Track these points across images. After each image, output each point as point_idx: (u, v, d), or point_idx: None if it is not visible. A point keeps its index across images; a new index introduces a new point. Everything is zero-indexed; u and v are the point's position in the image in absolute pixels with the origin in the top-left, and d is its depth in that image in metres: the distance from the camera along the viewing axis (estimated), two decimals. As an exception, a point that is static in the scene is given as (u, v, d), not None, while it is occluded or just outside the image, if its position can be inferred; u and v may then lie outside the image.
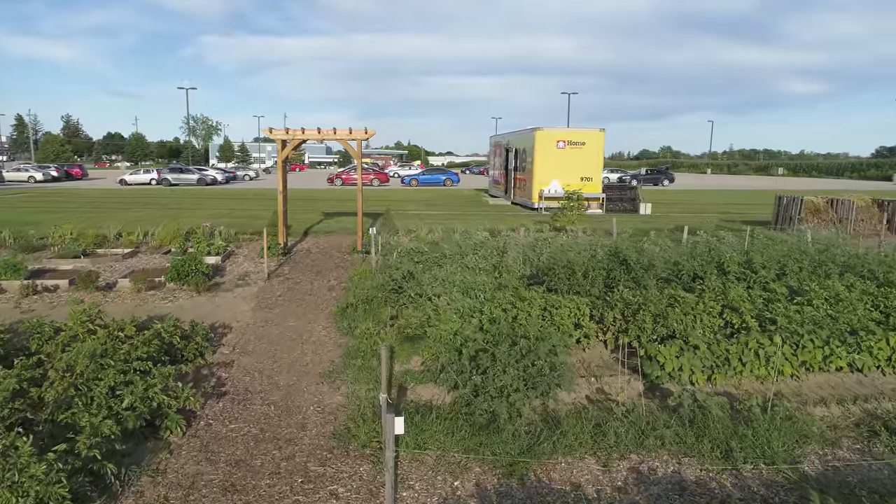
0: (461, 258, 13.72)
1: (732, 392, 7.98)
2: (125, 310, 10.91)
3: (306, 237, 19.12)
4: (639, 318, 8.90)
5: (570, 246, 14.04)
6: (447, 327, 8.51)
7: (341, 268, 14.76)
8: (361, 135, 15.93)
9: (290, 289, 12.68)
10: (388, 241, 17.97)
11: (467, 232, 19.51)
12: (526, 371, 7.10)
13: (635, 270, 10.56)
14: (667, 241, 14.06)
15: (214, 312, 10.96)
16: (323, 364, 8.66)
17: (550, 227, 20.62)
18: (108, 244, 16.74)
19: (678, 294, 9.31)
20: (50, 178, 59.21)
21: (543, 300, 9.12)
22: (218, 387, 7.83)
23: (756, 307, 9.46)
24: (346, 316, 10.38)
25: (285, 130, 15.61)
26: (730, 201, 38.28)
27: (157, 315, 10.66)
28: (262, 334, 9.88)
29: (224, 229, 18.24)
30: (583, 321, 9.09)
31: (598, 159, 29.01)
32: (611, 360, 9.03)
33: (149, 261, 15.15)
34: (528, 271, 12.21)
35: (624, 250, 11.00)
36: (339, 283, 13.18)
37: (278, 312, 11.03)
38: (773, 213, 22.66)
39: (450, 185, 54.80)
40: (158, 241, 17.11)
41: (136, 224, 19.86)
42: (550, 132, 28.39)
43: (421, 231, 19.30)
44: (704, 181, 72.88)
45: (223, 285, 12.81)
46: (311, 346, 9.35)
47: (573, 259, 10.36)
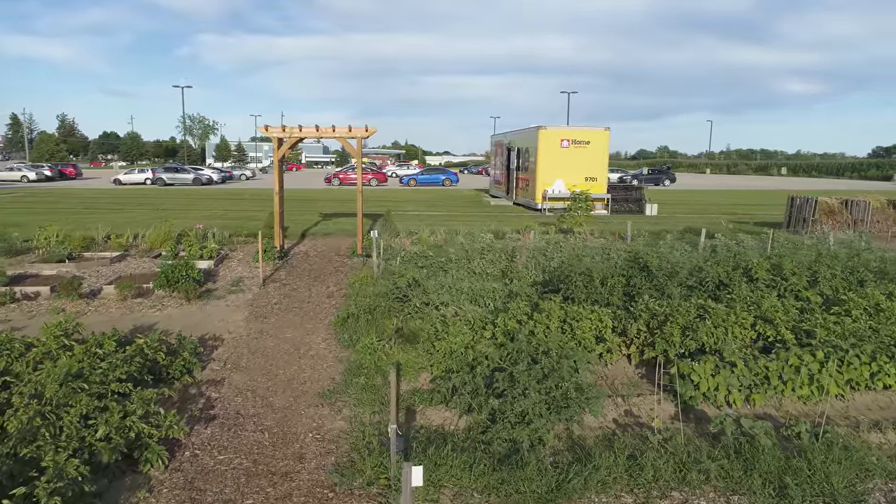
0: (467, 263, 12.99)
1: (773, 414, 7.25)
2: (109, 319, 10.14)
3: (304, 239, 18.37)
4: (666, 331, 8.18)
5: (582, 250, 13.31)
6: (458, 340, 7.77)
7: (341, 272, 14.01)
8: (361, 133, 15.19)
9: (286, 296, 11.92)
10: (390, 243, 17.23)
11: (471, 234, 18.78)
12: (549, 394, 6.36)
13: (657, 277, 9.83)
14: (684, 245, 13.33)
15: (205, 322, 10.20)
16: (322, 382, 7.91)
17: (557, 228, 19.91)
18: (95, 247, 15.96)
19: (708, 304, 8.58)
20: (43, 177, 58.41)
21: (562, 312, 8.38)
22: (206, 409, 7.07)
23: (791, 318, 8.74)
24: (347, 327, 9.63)
25: (282, 128, 14.85)
26: (735, 202, 37.62)
27: (143, 325, 9.90)
28: (257, 347, 9.12)
29: (218, 231, 17.47)
30: (605, 334, 8.36)
31: (603, 159, 28.30)
32: (636, 377, 8.30)
33: (138, 265, 14.37)
34: (541, 277, 11.47)
35: (644, 255, 10.26)
36: (338, 289, 12.43)
37: (274, 322, 10.28)
38: (786, 215, 21.97)
39: (449, 185, 54.08)
40: (149, 243, 16.34)
41: (126, 226, 19.08)
42: (554, 131, 27.67)
43: (423, 233, 18.56)
44: (705, 181, 72.24)
45: (215, 292, 12.05)
46: (310, 361, 8.60)
47: (592, 266, 9.61)
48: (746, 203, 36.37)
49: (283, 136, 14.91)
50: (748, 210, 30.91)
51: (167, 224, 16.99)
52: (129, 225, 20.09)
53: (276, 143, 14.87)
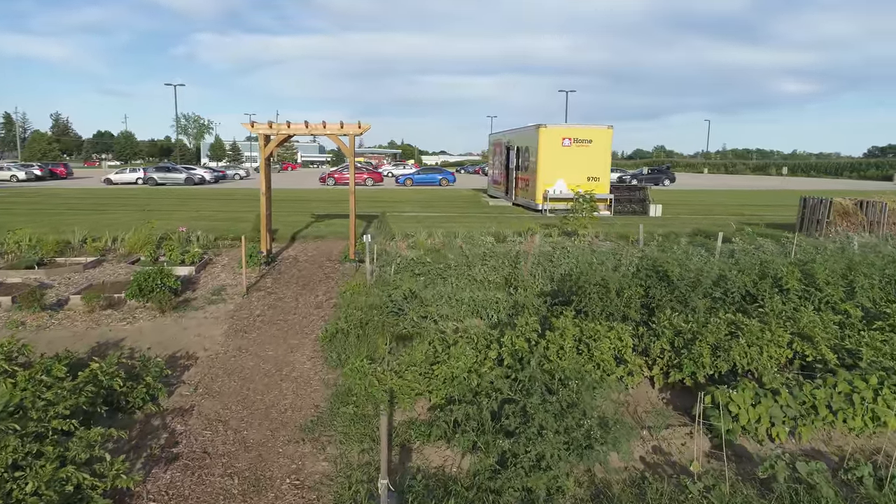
0: (468, 269, 12.03)
1: (823, 450, 6.32)
2: (72, 335, 9.16)
3: (293, 243, 17.38)
4: (694, 351, 7.23)
5: (592, 256, 12.36)
6: (460, 364, 6.80)
7: (331, 279, 13.03)
8: (354, 129, 14.21)
9: (271, 306, 10.94)
10: (384, 247, 16.27)
11: (470, 237, 17.84)
12: (569, 433, 5.41)
13: (679, 288, 8.87)
14: (700, 250, 12.39)
15: (179, 337, 9.22)
16: (305, 410, 6.94)
17: (559, 230, 18.96)
18: (70, 252, 14.95)
19: (740, 320, 7.64)
20: (33, 177, 57.32)
21: (578, 329, 7.42)
22: (168, 447, 6.10)
23: (831, 335, 7.81)
24: (336, 343, 8.66)
25: (268, 124, 13.86)
26: (739, 202, 36.72)
27: (108, 342, 8.92)
28: (233, 367, 8.15)
29: (202, 234, 16.49)
30: (626, 355, 7.40)
31: (605, 158, 27.36)
32: (660, 403, 7.35)
33: (113, 272, 13.37)
34: (548, 286, 10.52)
35: (664, 263, 9.31)
36: (328, 298, 11.46)
37: (255, 338, 9.30)
38: (798, 216, 21.05)
39: (446, 184, 53.09)
40: (128, 247, 15.33)
41: (107, 228, 18.06)
42: (555, 129, 26.72)
43: (420, 235, 17.60)
44: (704, 181, 71.34)
45: (194, 302, 11.06)
46: (292, 385, 7.63)
47: (607, 276, 8.65)
48: (751, 203, 35.47)
49: (269, 133, 13.92)
50: (755, 211, 30.00)
51: (148, 226, 15.99)
52: (110, 227, 19.06)
53: (262, 141, 13.88)
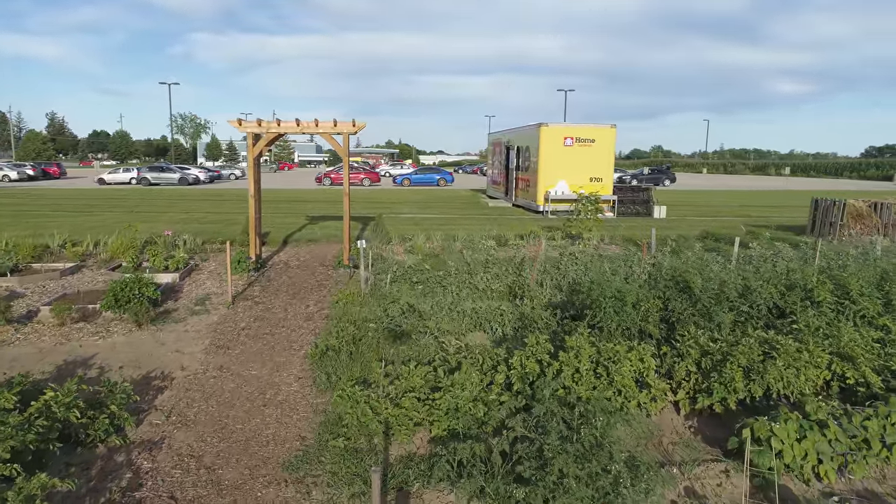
0: (469, 277, 11.27)
1: (878, 490, 5.57)
2: (38, 352, 8.37)
3: (285, 247, 16.59)
4: (725, 374, 6.48)
5: (600, 262, 11.60)
6: (465, 394, 6.03)
7: (324, 287, 12.25)
8: (348, 128, 13.42)
9: (257, 318, 10.16)
10: (381, 251, 15.51)
11: (470, 240, 17.08)
12: (595, 481, 4.64)
13: (701, 300, 8.11)
14: (716, 256, 11.65)
15: (156, 354, 8.43)
16: (290, 443, 6.17)
17: (563, 233, 18.22)
18: (48, 257, 14.15)
19: (774, 339, 6.88)
20: (26, 176, 56.36)
21: (594, 349, 6.66)
22: (130, 490, 5.32)
23: (874, 355, 7.06)
24: (326, 362, 7.89)
25: (257, 122, 13.07)
26: (743, 203, 35.99)
27: (77, 360, 8.13)
28: (212, 390, 7.37)
29: (190, 238, 15.69)
30: (648, 377, 6.65)
31: (608, 158, 26.60)
32: (687, 432, 6.59)
33: (92, 279, 12.57)
34: (557, 297, 9.76)
35: (683, 273, 8.54)
36: (319, 309, 10.67)
37: (238, 355, 8.52)
38: (810, 218, 20.32)
39: (444, 184, 52.29)
40: (110, 252, 14.52)
41: (90, 231, 17.25)
42: (557, 128, 25.97)
43: (417, 239, 16.82)
44: (704, 181, 70.60)
45: (175, 313, 10.28)
46: (277, 411, 6.86)
47: (624, 287, 7.88)
48: (756, 204, 34.73)
49: (259, 132, 13.13)
50: (761, 212, 29.29)
51: (132, 230, 15.18)
52: (94, 230, 18.26)
53: (250, 140, 13.09)
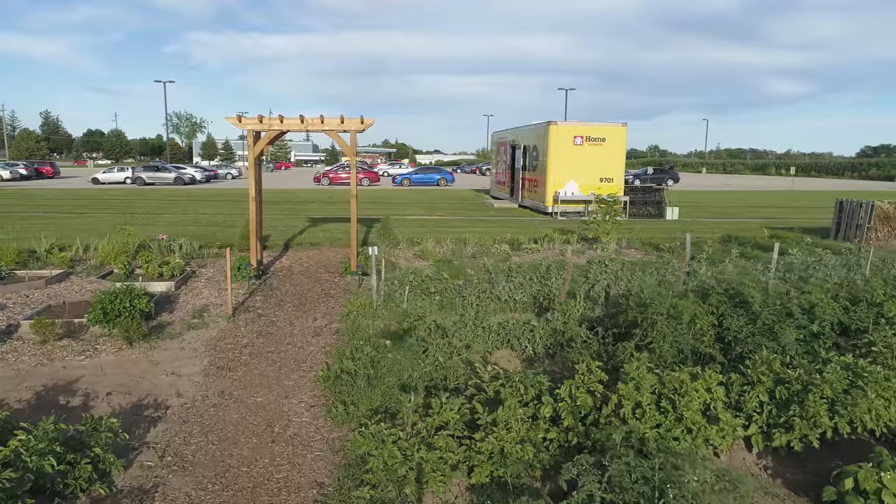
0: (490, 287, 10.39)
1: None
2: (16, 375, 7.45)
3: (287, 251, 15.66)
4: (809, 408, 5.60)
5: (622, 270, 10.73)
6: (511, 435, 5.13)
7: (331, 297, 11.34)
8: (356, 125, 12.52)
9: (261, 333, 9.25)
10: (389, 256, 14.62)
11: (482, 244, 16.20)
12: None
13: (762, 318, 7.23)
14: (755, 264, 10.78)
15: (148, 377, 7.52)
16: (305, 491, 5.27)
17: (578, 237, 17.33)
18: (34, 263, 13.19)
19: (859, 366, 6.01)
20: (18, 176, 55.33)
21: (655, 378, 5.77)
22: (116, 558, 4.42)
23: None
24: (340, 387, 6.99)
25: (258, 118, 12.15)
26: (752, 203, 35.17)
27: (59, 384, 7.21)
28: (213, 422, 6.46)
29: (186, 242, 14.74)
30: (717, 410, 5.76)
31: (619, 158, 25.74)
32: (763, 474, 5.72)
33: (80, 288, 11.64)
34: (597, 311, 8.87)
35: (738, 284, 7.66)
36: (328, 322, 9.77)
37: (241, 377, 7.62)
38: (834, 220, 19.48)
39: (444, 184, 51.42)
40: (100, 258, 13.57)
41: (80, 234, 16.31)
42: (566, 126, 25.09)
43: (427, 243, 15.92)
44: (706, 181, 69.80)
45: (169, 328, 9.36)
46: (288, 449, 5.96)
47: (680, 303, 6.99)
48: (765, 205, 33.91)
49: (260, 129, 12.22)
50: (774, 213, 28.47)
51: (124, 233, 14.23)
52: (85, 233, 17.31)
53: (250, 138, 12.17)
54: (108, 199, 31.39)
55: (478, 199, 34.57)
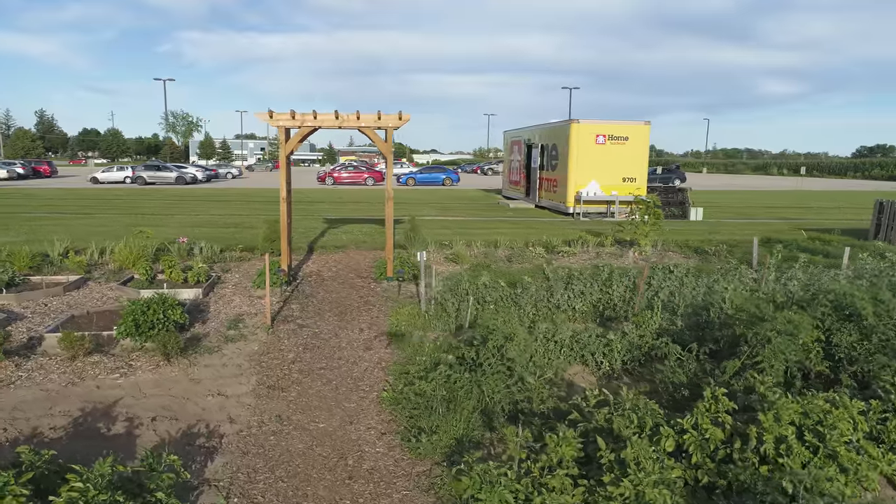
0: (548, 294, 9.66)
1: None
2: (46, 396, 6.69)
3: (312, 255, 14.90)
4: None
5: (687, 276, 10.01)
6: (651, 478, 4.40)
7: (372, 305, 10.59)
8: (393, 121, 11.80)
9: (306, 346, 8.50)
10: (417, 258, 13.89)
11: (513, 247, 15.47)
12: None
13: (878, 332, 6.51)
14: (827, 271, 10.08)
15: (193, 399, 6.77)
16: (402, 542, 4.52)
17: (613, 239, 16.60)
18: (48, 267, 12.40)
19: None
20: (16, 175, 54.38)
21: (798, 406, 5.05)
22: None
23: None
24: (412, 410, 6.25)
25: (290, 114, 11.40)
26: (768, 204, 34.49)
27: (97, 408, 6.45)
28: (276, 455, 5.71)
29: (206, 245, 13.97)
30: (861, 442, 5.05)
31: (642, 157, 25.06)
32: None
33: (101, 295, 10.86)
34: (678, 323, 8.15)
35: (848, 295, 6.94)
36: (376, 334, 9.02)
37: (296, 399, 6.87)
38: (873, 221, 18.84)
39: (449, 184, 50.56)
40: (118, 262, 12.79)
41: (92, 237, 15.51)
42: (589, 125, 24.36)
43: (457, 246, 15.19)
44: (710, 181, 68.97)
45: (206, 340, 8.60)
46: (369, 487, 5.22)
47: (795, 319, 6.27)
48: (784, 206, 33.24)
49: (292, 126, 11.46)
50: (797, 214, 27.81)
51: (142, 236, 13.45)
52: (97, 235, 16.51)
53: (282, 135, 11.40)
54: (112, 199, 30.53)
55: (489, 200, 33.83)
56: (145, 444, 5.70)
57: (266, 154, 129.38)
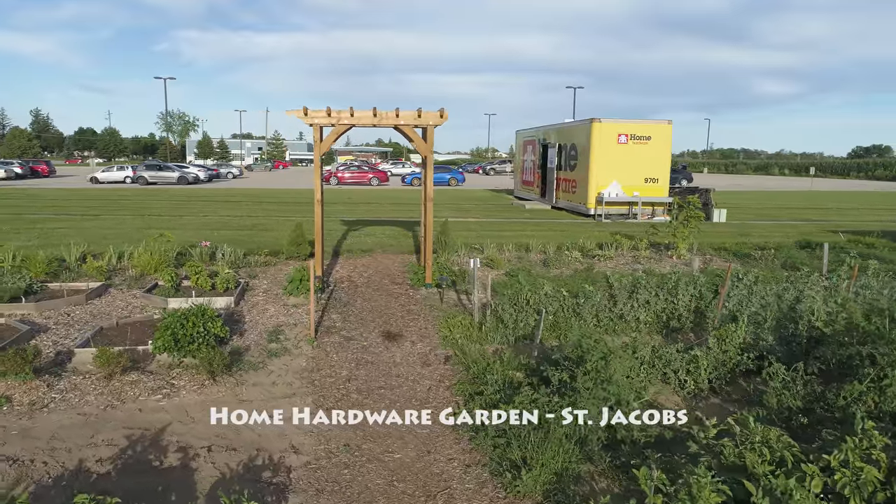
0: (610, 304, 9.03)
1: None
2: (84, 422, 6.03)
3: (338, 259, 14.25)
4: None
5: (755, 284, 9.39)
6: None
7: (415, 315, 9.94)
8: (434, 118, 11.18)
9: (358, 362, 7.85)
10: (453, 264, 13.31)
11: (550, 251, 14.87)
12: None
13: None
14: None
15: (248, 424, 6.10)
16: None
17: (647, 242, 15.99)
18: (65, 273, 11.72)
19: None
20: (13, 175, 53.70)
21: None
22: None
23: None
24: (493, 437, 5.61)
25: (326, 111, 10.74)
26: (784, 205, 34.02)
27: (145, 436, 5.79)
28: (356, 493, 5.07)
29: (229, 250, 13.31)
30: None
31: (665, 157, 24.52)
32: None
33: (125, 303, 10.18)
34: (769, 339, 7.53)
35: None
36: (430, 348, 8.36)
37: (361, 423, 6.21)
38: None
39: (455, 184, 49.88)
40: (138, 267, 12.12)
41: (106, 241, 14.85)
42: (611, 124, 23.78)
43: (489, 249, 14.58)
44: (715, 181, 68.23)
45: (248, 354, 7.95)
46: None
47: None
48: (801, 206, 32.73)
49: (327, 123, 10.81)
50: (819, 215, 27.30)
51: (162, 240, 12.78)
52: (110, 238, 15.84)
53: (316, 133, 10.73)
54: (118, 200, 29.80)
55: (502, 200, 33.20)
56: (205, 480, 5.05)
57: (264, 154, 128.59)
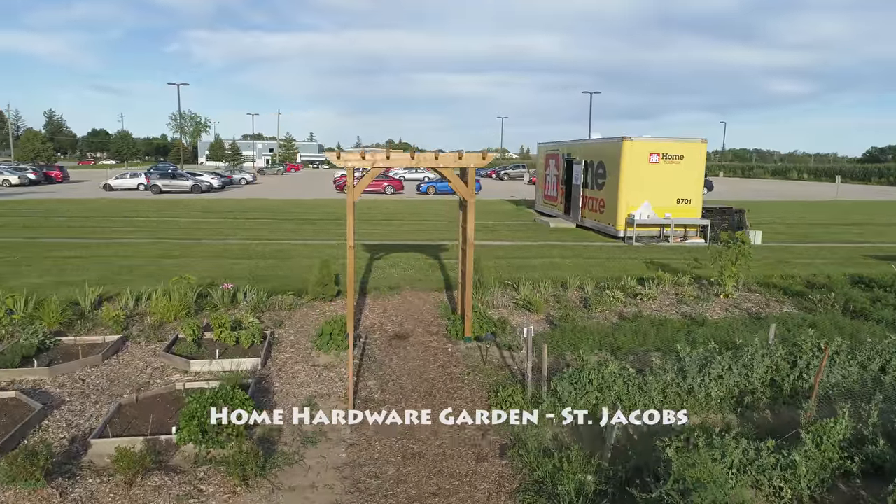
0: (678, 378, 8.15)
1: None
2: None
3: (365, 298, 13.43)
4: None
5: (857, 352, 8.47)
6: None
7: (459, 381, 9.09)
8: (476, 160, 10.37)
9: (405, 455, 7.02)
10: (487, 306, 12.49)
11: (589, 289, 14.00)
12: None
13: None
14: None
15: (288, 550, 5.28)
16: None
17: (690, 277, 15.08)
18: (80, 323, 10.97)
19: None
20: (27, 181, 53.65)
21: None
22: None
23: None
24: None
25: (360, 155, 9.92)
26: (819, 220, 32.49)
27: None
28: None
29: (251, 293, 12.52)
30: None
31: (698, 177, 23.54)
32: None
33: (144, 364, 9.40)
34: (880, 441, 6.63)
35: None
36: (482, 432, 7.52)
37: (421, 553, 5.38)
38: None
39: (473, 193, 48.88)
40: (157, 314, 11.36)
41: (122, 275, 14.13)
42: (642, 143, 22.85)
43: (524, 288, 13.72)
44: (733, 187, 67.14)
45: (280, 442, 7.15)
46: None
47: None
48: (837, 222, 31.44)
49: (362, 165, 9.99)
50: (860, 235, 26.13)
51: (182, 282, 12.03)
52: (127, 272, 15.14)
53: (350, 176, 9.89)
54: (131, 215, 29.16)
55: (524, 215, 32.23)
56: None
57: (275, 156, 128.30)
